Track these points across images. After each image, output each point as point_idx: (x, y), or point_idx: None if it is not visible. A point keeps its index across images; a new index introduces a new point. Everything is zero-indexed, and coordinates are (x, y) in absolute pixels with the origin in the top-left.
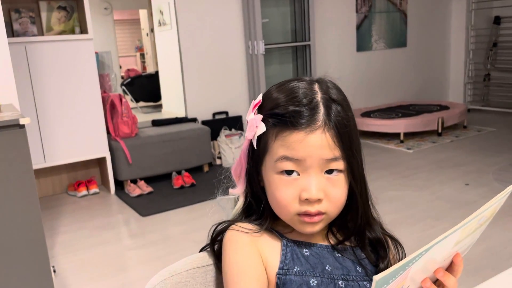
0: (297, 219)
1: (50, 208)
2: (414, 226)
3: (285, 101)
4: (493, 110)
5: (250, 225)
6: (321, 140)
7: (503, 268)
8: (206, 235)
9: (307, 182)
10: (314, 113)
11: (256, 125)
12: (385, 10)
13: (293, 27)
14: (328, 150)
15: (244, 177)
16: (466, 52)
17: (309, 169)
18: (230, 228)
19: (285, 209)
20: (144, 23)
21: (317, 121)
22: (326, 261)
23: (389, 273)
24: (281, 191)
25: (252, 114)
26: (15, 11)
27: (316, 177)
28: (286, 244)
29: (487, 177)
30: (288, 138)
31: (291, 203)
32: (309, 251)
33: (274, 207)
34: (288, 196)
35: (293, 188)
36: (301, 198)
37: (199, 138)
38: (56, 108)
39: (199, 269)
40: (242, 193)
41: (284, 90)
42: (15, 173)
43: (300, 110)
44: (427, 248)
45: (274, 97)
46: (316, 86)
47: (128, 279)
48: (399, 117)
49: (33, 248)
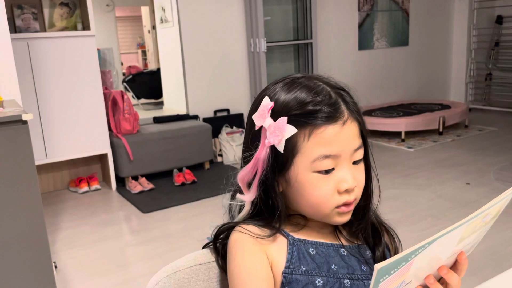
0: (335, 212)
1: (52, 204)
2: (414, 225)
3: (312, 98)
4: (494, 109)
5: (257, 228)
6: (351, 130)
7: (504, 268)
8: (207, 232)
9: (343, 173)
10: (338, 106)
11: (282, 128)
12: (387, 9)
13: (295, 25)
14: (356, 139)
15: (256, 184)
16: (468, 51)
17: (343, 161)
18: (235, 230)
19: (325, 205)
20: (146, 20)
21: (343, 112)
22: (332, 260)
23: (391, 262)
24: (320, 189)
25: (269, 119)
26: (18, 7)
27: (348, 167)
28: (292, 243)
29: (488, 176)
30: (324, 134)
31: (330, 198)
32: (315, 250)
33: (311, 207)
34: (328, 192)
35: (331, 183)
36: (340, 190)
37: (200, 135)
38: (58, 104)
39: (202, 266)
40: (250, 201)
41: (299, 88)
42: (17, 169)
43: (329, 104)
44: (430, 241)
45: (291, 97)
46: (316, 80)
47: (129, 275)
48: (401, 116)
49: (35, 244)
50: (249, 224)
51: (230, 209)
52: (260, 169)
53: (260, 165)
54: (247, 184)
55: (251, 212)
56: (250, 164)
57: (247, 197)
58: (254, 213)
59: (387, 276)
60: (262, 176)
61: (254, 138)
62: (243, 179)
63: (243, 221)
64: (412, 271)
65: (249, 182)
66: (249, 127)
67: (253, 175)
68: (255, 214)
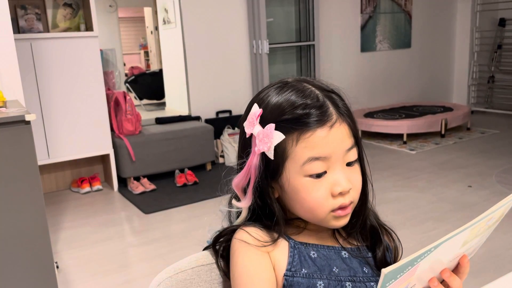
0: (331, 216)
1: (54, 204)
2: (416, 227)
3: (299, 103)
4: (496, 112)
5: (260, 231)
6: (341, 132)
7: (505, 271)
8: (208, 233)
9: (336, 176)
10: (326, 108)
11: (270, 135)
12: (389, 11)
13: (298, 26)
14: (347, 140)
15: (251, 191)
16: (470, 53)
17: (334, 163)
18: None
19: (320, 209)
20: (148, 21)
21: (332, 115)
22: (333, 263)
23: (398, 267)
24: (313, 193)
25: (257, 127)
26: (21, 8)
27: (342, 169)
28: (293, 246)
29: (490, 179)
30: (312, 138)
31: (325, 202)
32: (316, 253)
33: (306, 211)
34: (321, 196)
35: (324, 187)
36: (334, 193)
37: (202, 136)
38: (60, 105)
39: (204, 267)
40: (246, 207)
41: (287, 93)
42: (20, 169)
43: (317, 107)
44: (436, 245)
45: (280, 102)
46: (306, 84)
47: (130, 275)
48: (403, 118)
49: (37, 244)
50: (252, 226)
51: (229, 215)
52: (253, 176)
53: (253, 172)
54: (242, 190)
55: (249, 218)
56: (243, 171)
57: (243, 203)
58: (253, 219)
59: (393, 280)
60: (256, 183)
61: (246, 146)
62: (238, 185)
63: (245, 224)
64: (416, 274)
65: (244, 188)
66: (241, 135)
67: (247, 181)
68: (254, 220)
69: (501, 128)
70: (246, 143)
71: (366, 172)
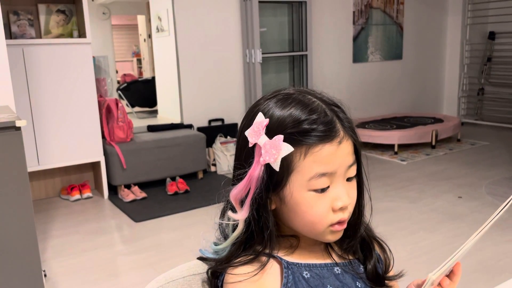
0: (329, 230)
1: (43, 212)
2: (406, 238)
3: (307, 116)
4: (486, 124)
5: (247, 267)
6: (347, 147)
7: (496, 282)
8: (199, 242)
9: (338, 191)
10: (334, 124)
11: (279, 147)
12: (381, 23)
13: (291, 37)
14: (350, 156)
15: (249, 203)
16: (460, 66)
17: (337, 178)
18: (227, 277)
19: (320, 223)
20: (142, 29)
21: (339, 131)
22: (326, 281)
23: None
24: (315, 208)
25: (263, 137)
26: (14, 13)
27: (343, 184)
28: (287, 266)
29: (480, 190)
30: (321, 153)
31: (325, 216)
32: (309, 272)
33: (305, 225)
34: (323, 210)
35: (325, 201)
36: (335, 208)
37: (194, 144)
38: (51, 111)
39: (195, 276)
40: (243, 220)
41: (293, 105)
42: (9, 176)
43: (325, 122)
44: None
45: (287, 114)
46: (311, 96)
47: (120, 284)
48: (394, 128)
49: (25, 252)
50: (238, 266)
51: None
52: (253, 187)
53: (254, 183)
54: (239, 202)
55: (244, 230)
56: (244, 182)
57: (239, 215)
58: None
59: None
60: (255, 194)
61: (248, 155)
62: (236, 197)
63: (230, 261)
64: None
65: (241, 200)
66: (242, 144)
67: (246, 192)
68: (250, 233)
69: (490, 139)
70: (248, 152)
71: (366, 187)
